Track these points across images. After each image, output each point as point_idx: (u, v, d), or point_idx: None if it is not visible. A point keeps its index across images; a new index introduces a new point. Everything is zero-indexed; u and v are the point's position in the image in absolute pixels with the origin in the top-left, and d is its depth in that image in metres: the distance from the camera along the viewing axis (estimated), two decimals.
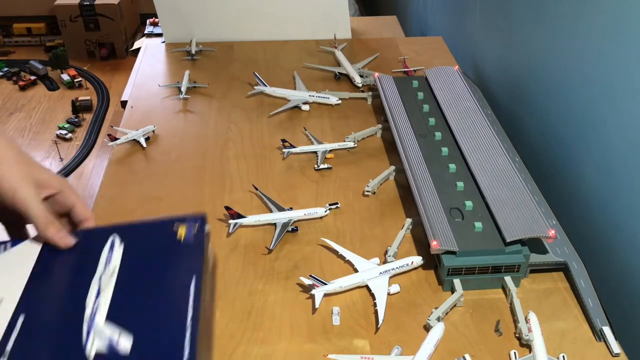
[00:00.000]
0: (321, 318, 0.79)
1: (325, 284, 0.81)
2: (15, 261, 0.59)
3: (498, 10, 1.33)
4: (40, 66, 3.21)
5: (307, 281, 0.81)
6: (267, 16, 1.56)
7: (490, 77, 1.39)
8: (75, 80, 3.17)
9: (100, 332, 0.51)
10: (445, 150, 1.01)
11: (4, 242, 0.61)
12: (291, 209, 0.95)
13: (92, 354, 0.49)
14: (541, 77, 1.14)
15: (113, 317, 0.52)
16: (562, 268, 0.86)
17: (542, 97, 1.13)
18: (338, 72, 1.37)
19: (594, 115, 0.96)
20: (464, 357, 0.73)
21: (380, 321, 0.77)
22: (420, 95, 1.17)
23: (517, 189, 0.91)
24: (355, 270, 0.84)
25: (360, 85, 1.32)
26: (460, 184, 0.93)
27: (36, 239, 0.61)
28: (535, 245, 0.84)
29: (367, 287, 0.83)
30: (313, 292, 0.80)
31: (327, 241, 0.89)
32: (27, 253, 0.59)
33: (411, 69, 1.38)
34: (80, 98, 3.00)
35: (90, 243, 0.61)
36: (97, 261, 0.58)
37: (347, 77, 1.36)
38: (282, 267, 0.86)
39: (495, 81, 1.36)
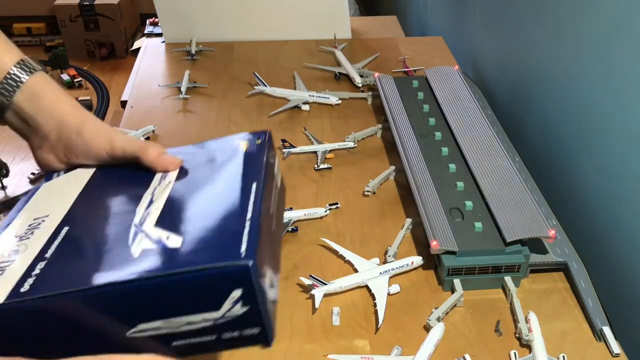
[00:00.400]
0: (321, 318, 0.79)
1: (325, 284, 0.81)
2: (65, 184, 0.56)
3: (498, 10, 1.33)
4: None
5: (307, 281, 0.81)
6: (267, 16, 1.56)
7: (490, 77, 1.39)
8: (75, 80, 3.16)
9: (147, 233, 0.47)
10: (445, 150, 1.01)
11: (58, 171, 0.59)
12: (291, 209, 0.95)
13: (138, 252, 0.44)
14: (541, 77, 1.14)
15: (163, 222, 0.48)
16: (562, 268, 0.86)
17: (542, 97, 1.13)
18: (338, 72, 1.37)
19: (594, 115, 0.96)
20: (464, 357, 0.73)
21: (380, 321, 0.77)
22: (420, 95, 1.17)
23: (517, 189, 0.91)
24: (355, 271, 0.84)
25: (360, 85, 1.32)
26: (460, 184, 0.93)
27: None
28: (535, 245, 0.84)
29: (367, 287, 0.83)
30: (313, 292, 0.80)
31: (327, 241, 0.89)
32: (80, 176, 0.56)
33: (411, 68, 1.38)
34: (80, 98, 3.00)
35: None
36: (152, 178, 0.55)
37: (347, 77, 1.36)
38: (282, 267, 0.86)
39: (495, 81, 1.36)
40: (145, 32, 3.25)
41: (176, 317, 0.42)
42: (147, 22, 3.33)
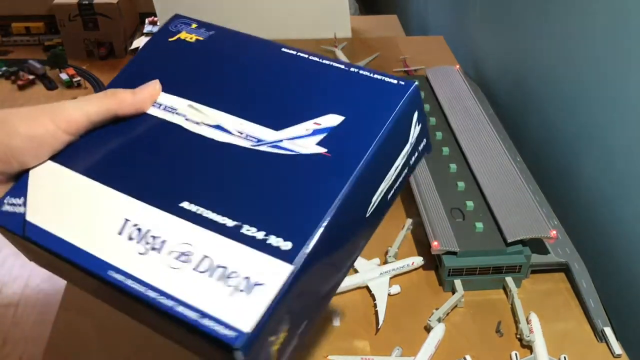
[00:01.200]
0: (321, 318, 0.78)
1: None
2: (56, 194, 0.42)
3: (499, 9, 1.33)
4: (38, 65, 3.20)
5: None
6: (266, 15, 1.55)
7: (491, 76, 1.38)
8: (74, 79, 3.16)
9: (288, 136, 0.39)
10: (445, 150, 1.01)
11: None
12: None
13: (316, 148, 0.39)
14: (542, 77, 1.13)
15: (271, 120, 0.41)
16: (564, 269, 0.85)
17: (544, 96, 1.13)
18: None
19: (596, 114, 0.95)
20: (464, 358, 0.73)
21: (381, 322, 0.77)
22: (421, 94, 1.17)
23: (518, 188, 0.90)
24: (356, 271, 0.84)
25: None
26: (461, 184, 0.92)
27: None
28: (537, 245, 0.84)
29: (367, 287, 0.82)
30: None
31: None
32: (53, 176, 0.43)
33: (412, 68, 1.38)
34: (78, 98, 2.99)
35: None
36: (143, 121, 0.44)
37: None
38: None
39: (496, 81, 1.35)
40: (145, 31, 3.24)
41: (390, 168, 0.42)
42: (147, 21, 3.33)
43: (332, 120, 0.40)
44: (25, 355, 1.71)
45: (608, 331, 0.76)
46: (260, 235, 0.36)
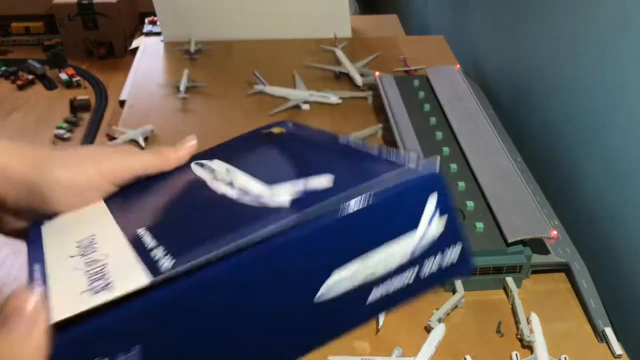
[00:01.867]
0: None
1: None
2: (71, 220, 0.42)
3: (499, 8, 1.33)
4: (38, 65, 3.20)
5: None
6: (266, 15, 1.55)
7: (491, 76, 1.38)
8: (74, 79, 3.15)
9: (278, 190, 0.36)
10: (446, 150, 1.01)
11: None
12: None
13: (287, 200, 0.34)
14: (543, 77, 1.13)
15: (277, 176, 0.39)
16: (564, 269, 0.85)
17: (544, 96, 1.13)
18: (338, 71, 1.37)
19: (596, 114, 0.95)
20: (465, 359, 0.73)
21: (381, 322, 0.76)
22: (421, 94, 1.17)
23: (518, 189, 0.90)
24: None
25: (360, 84, 1.31)
26: (461, 184, 0.92)
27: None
28: (537, 245, 0.84)
29: None
30: None
31: None
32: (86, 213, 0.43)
33: (412, 68, 1.38)
34: (78, 97, 2.99)
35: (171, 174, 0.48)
36: (192, 177, 0.46)
37: (348, 77, 1.36)
38: None
39: (496, 81, 1.35)
40: (144, 31, 3.24)
41: (373, 248, 0.33)
42: (146, 20, 3.32)
43: (321, 181, 0.36)
44: None
45: (609, 331, 0.76)
46: (152, 244, 0.33)
